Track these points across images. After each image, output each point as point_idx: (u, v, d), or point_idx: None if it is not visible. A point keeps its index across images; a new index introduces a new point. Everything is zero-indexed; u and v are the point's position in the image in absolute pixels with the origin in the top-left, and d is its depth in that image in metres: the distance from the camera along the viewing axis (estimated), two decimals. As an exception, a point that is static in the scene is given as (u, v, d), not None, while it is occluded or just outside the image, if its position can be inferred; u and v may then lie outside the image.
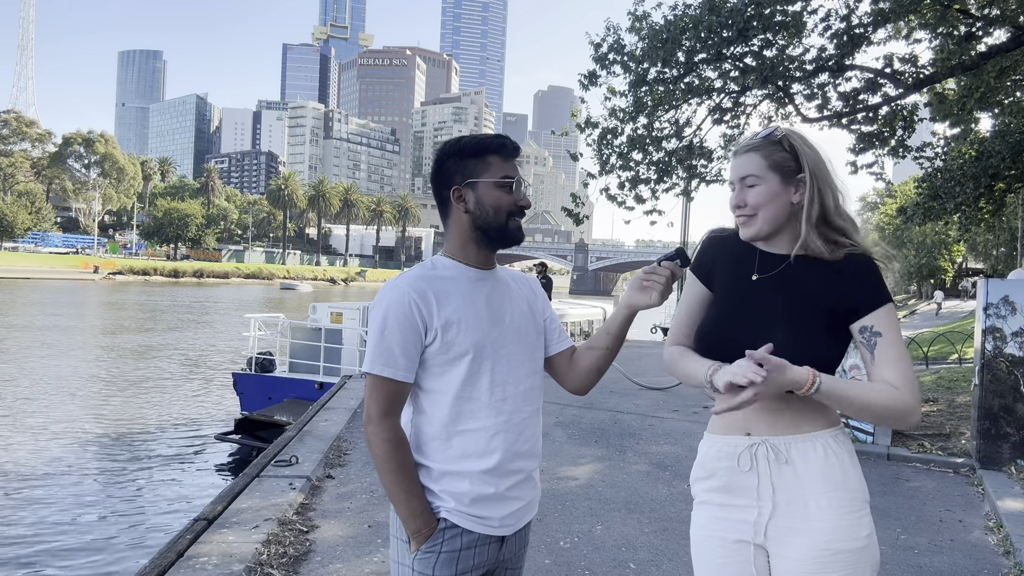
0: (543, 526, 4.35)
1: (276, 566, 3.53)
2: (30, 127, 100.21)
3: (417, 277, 1.63)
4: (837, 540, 1.54)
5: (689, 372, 1.69)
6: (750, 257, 1.69)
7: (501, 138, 1.67)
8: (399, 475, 1.57)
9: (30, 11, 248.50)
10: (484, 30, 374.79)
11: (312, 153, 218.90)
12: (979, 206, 11.99)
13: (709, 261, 1.78)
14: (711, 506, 1.68)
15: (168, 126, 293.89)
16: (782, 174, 1.62)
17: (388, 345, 1.57)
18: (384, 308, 1.59)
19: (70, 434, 11.33)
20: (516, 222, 1.67)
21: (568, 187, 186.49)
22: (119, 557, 6.86)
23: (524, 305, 1.75)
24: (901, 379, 1.53)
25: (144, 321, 31.25)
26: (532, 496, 1.72)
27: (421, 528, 1.58)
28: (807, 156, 1.63)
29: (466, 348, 1.60)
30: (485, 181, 1.63)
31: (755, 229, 1.65)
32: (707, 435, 1.74)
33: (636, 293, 1.67)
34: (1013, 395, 5.81)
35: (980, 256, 49.88)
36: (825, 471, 1.56)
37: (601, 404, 8.52)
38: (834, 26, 8.70)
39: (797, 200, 1.63)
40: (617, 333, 1.74)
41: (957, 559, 4.11)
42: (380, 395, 1.59)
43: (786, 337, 1.56)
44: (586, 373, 1.78)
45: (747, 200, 1.64)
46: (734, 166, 1.69)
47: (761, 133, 1.68)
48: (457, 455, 1.61)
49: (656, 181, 9.89)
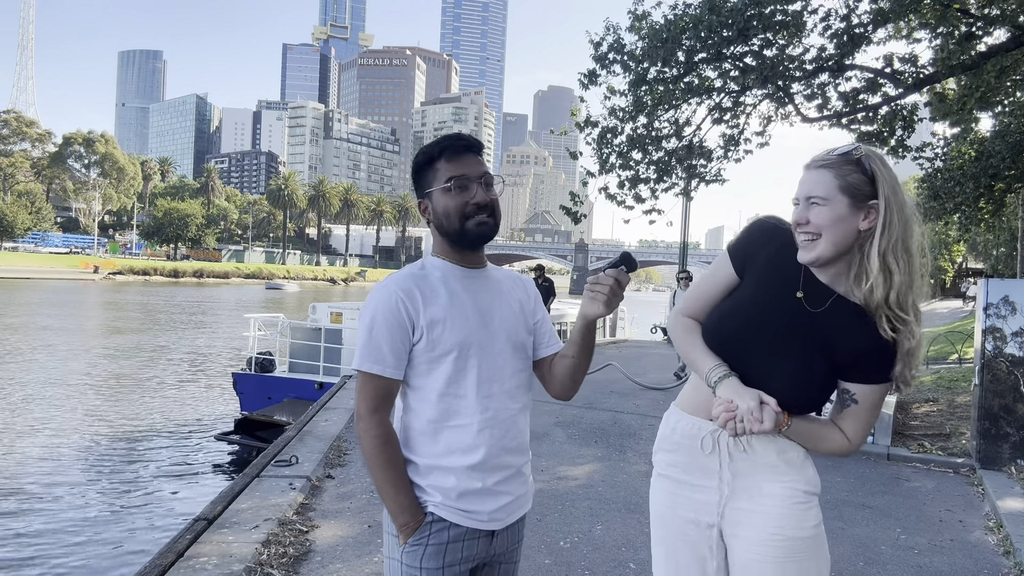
0: (543, 526, 4.35)
1: (276, 566, 3.53)
2: (30, 127, 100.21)
3: (405, 277, 1.66)
4: (786, 527, 1.60)
5: (693, 360, 1.67)
6: (795, 268, 1.59)
7: (449, 139, 1.67)
8: (387, 470, 1.60)
9: (30, 11, 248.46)
10: (484, 30, 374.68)
11: (312, 153, 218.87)
12: (979, 206, 11.99)
13: (751, 248, 1.66)
14: (671, 481, 1.74)
15: (168, 126, 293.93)
16: (852, 197, 1.50)
17: (377, 343, 1.61)
18: (373, 307, 1.63)
19: (70, 434, 11.33)
20: (475, 221, 1.64)
21: (568, 187, 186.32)
22: (119, 557, 6.86)
23: (515, 305, 1.76)
24: (853, 434, 1.60)
25: (144, 321, 31.25)
26: (523, 491, 1.74)
27: (408, 521, 1.60)
28: (885, 180, 1.50)
29: (451, 346, 1.62)
30: (435, 189, 1.66)
31: (816, 253, 1.52)
32: (675, 407, 1.77)
33: (586, 303, 1.62)
34: (1013, 395, 5.81)
35: (980, 256, 49.84)
36: (781, 460, 1.62)
37: (601, 404, 8.52)
38: (834, 26, 8.70)
39: (866, 228, 1.50)
40: (580, 342, 1.70)
41: (957, 559, 4.11)
42: (369, 392, 1.61)
43: (792, 369, 1.57)
44: (561, 380, 1.78)
45: (810, 219, 1.52)
46: (803, 180, 1.57)
47: (839, 149, 1.56)
48: (443, 450, 1.63)
49: (656, 180, 9.89)
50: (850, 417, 1.59)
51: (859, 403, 1.58)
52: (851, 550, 4.14)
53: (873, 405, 1.58)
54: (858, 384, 1.57)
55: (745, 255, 1.67)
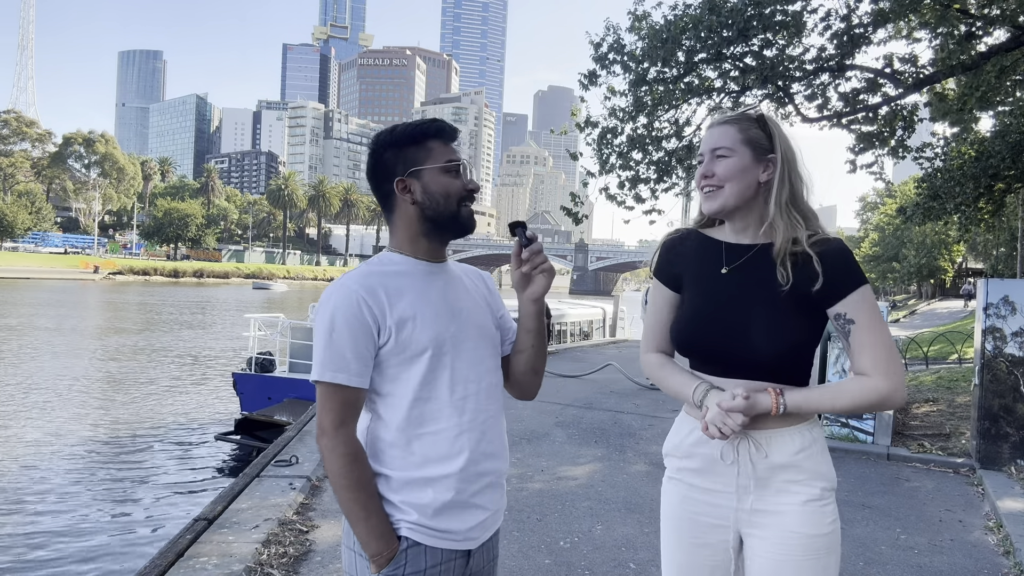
0: (543, 526, 4.36)
1: (276, 566, 3.53)
2: (30, 127, 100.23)
3: (365, 274, 1.52)
4: (803, 525, 1.58)
5: (674, 389, 1.72)
6: (716, 251, 1.68)
7: (438, 122, 1.59)
8: (356, 491, 1.46)
9: (30, 11, 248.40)
10: (484, 30, 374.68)
11: (312, 153, 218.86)
12: (979, 206, 11.99)
13: (673, 263, 1.75)
14: (684, 485, 1.72)
15: (168, 126, 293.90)
16: (754, 150, 1.61)
17: (338, 349, 1.45)
18: (331, 309, 1.47)
19: (70, 434, 11.33)
20: (468, 208, 1.58)
21: (568, 187, 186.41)
22: (119, 557, 6.86)
23: (480, 300, 1.67)
24: (873, 365, 1.53)
25: (144, 321, 31.25)
26: (499, 505, 1.64)
27: (382, 550, 1.46)
28: (781, 138, 1.63)
29: (424, 345, 1.49)
30: (430, 168, 1.54)
31: (720, 202, 1.62)
32: (686, 415, 1.74)
33: (534, 283, 1.60)
34: (1013, 395, 5.81)
35: (980, 256, 49.84)
36: (798, 461, 1.60)
37: (601, 404, 8.52)
38: (834, 26, 8.70)
39: (765, 179, 1.61)
40: (536, 328, 1.65)
41: (957, 559, 4.11)
42: (333, 404, 1.46)
43: (760, 324, 1.58)
44: (523, 375, 1.70)
45: (715, 171, 1.62)
46: (706, 137, 1.67)
47: (740, 109, 1.68)
48: (419, 461, 1.50)
49: (656, 181, 9.88)
50: (857, 347, 1.54)
51: (855, 321, 1.54)
52: (851, 550, 4.14)
53: (872, 321, 1.54)
54: (839, 300, 1.56)
55: (670, 268, 1.75)
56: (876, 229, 64.46)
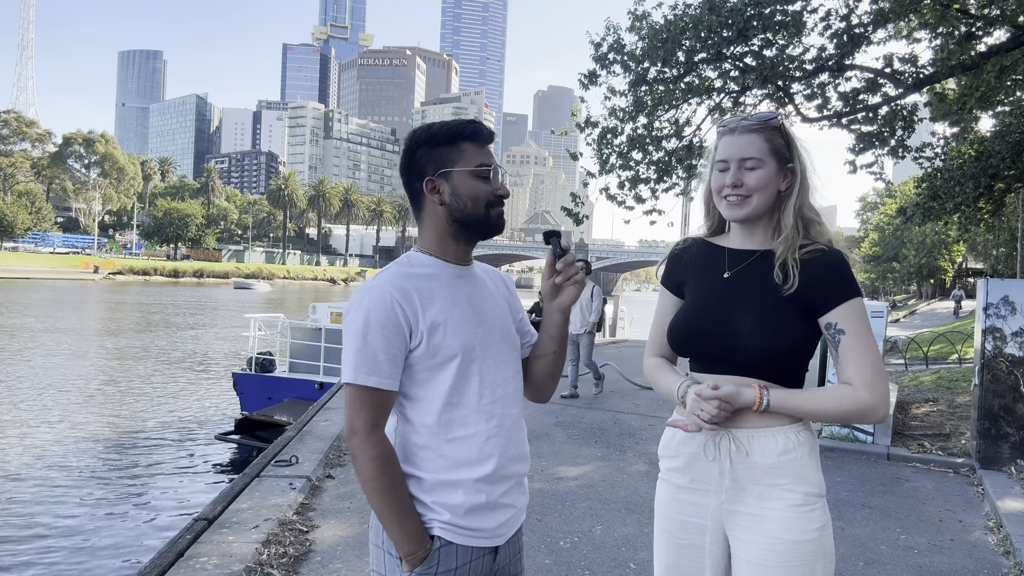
0: (543, 526, 4.36)
1: (276, 566, 3.53)
2: (30, 127, 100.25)
3: (397, 275, 1.51)
4: (786, 531, 1.58)
5: (664, 389, 1.77)
6: (719, 257, 1.72)
7: (475, 123, 1.55)
8: (389, 494, 1.46)
9: (30, 11, 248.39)
10: (484, 30, 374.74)
11: (312, 153, 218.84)
12: (979, 206, 11.99)
13: (677, 271, 1.80)
14: (672, 486, 1.76)
15: (168, 126, 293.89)
16: (778, 160, 1.63)
17: (372, 351, 1.44)
18: (365, 311, 1.46)
19: (70, 434, 11.33)
20: (496, 211, 1.56)
21: (568, 187, 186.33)
22: (119, 557, 6.86)
23: (503, 303, 1.67)
24: (859, 377, 1.53)
25: (144, 321, 31.25)
26: (523, 503, 1.67)
27: (416, 551, 1.48)
28: (799, 147, 1.66)
29: (455, 351, 1.50)
30: (460, 170, 1.52)
31: (747, 211, 1.63)
32: (677, 415, 1.77)
33: (564, 293, 1.60)
34: (1013, 395, 5.80)
35: (980, 256, 49.85)
36: (780, 464, 1.60)
37: (601, 404, 8.52)
38: (834, 26, 8.69)
39: (785, 187, 1.64)
40: (559, 336, 1.68)
41: (957, 559, 4.11)
42: (365, 406, 1.45)
43: (754, 323, 1.59)
44: (541, 379, 1.72)
45: (745, 181, 1.61)
46: (730, 144, 1.64)
47: (761, 116, 1.66)
48: (450, 464, 1.51)
49: (656, 181, 9.88)
50: (845, 357, 1.55)
51: (845, 332, 1.56)
52: (851, 550, 4.14)
53: (861, 334, 1.55)
54: (830, 310, 1.57)
55: (675, 276, 1.81)
56: (876, 229, 64.45)
